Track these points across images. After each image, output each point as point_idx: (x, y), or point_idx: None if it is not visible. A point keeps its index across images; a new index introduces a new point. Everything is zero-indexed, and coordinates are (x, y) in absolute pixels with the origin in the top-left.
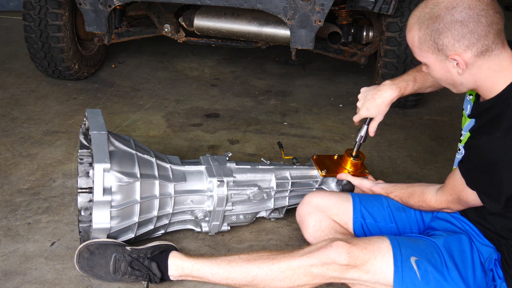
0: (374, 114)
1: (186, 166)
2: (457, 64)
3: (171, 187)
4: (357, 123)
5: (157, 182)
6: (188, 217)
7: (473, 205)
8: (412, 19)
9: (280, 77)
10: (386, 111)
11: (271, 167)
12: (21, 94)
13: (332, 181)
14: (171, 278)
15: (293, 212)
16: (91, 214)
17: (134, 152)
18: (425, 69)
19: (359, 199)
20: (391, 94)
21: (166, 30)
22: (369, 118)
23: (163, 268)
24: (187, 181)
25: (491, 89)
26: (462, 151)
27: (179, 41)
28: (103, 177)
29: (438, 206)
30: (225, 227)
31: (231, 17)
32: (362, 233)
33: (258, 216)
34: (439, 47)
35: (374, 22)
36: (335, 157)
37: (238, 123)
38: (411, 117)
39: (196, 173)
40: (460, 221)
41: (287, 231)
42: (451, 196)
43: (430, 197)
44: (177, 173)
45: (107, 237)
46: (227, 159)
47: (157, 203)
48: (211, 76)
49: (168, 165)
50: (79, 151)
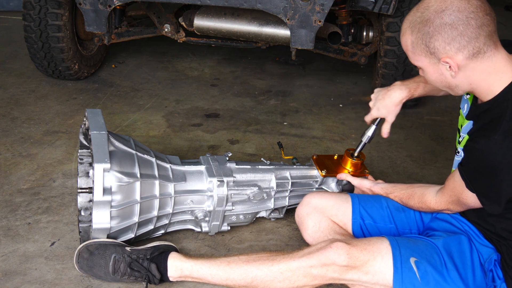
0: (384, 114)
1: (186, 166)
2: (450, 67)
3: (171, 187)
4: (368, 123)
5: (157, 182)
6: (188, 217)
7: (472, 207)
8: (405, 24)
9: (280, 77)
10: (396, 111)
11: (271, 167)
12: (21, 94)
13: (332, 181)
14: (171, 279)
15: (293, 212)
16: (91, 214)
17: (134, 152)
18: (421, 73)
19: (358, 200)
20: (400, 94)
21: (166, 30)
22: (379, 118)
23: (163, 269)
24: (187, 181)
25: (487, 91)
26: (461, 153)
27: (179, 41)
28: (103, 177)
29: (437, 207)
30: (225, 227)
31: (231, 17)
32: (361, 234)
33: (258, 216)
34: (431, 51)
35: (374, 22)
36: (335, 157)
37: (238, 123)
38: (411, 117)
39: (196, 173)
40: (459, 221)
41: (287, 231)
42: (450, 197)
43: (430, 198)
44: (177, 173)
45: (107, 237)
46: (227, 159)
47: (157, 203)
48: (211, 76)
49: (168, 165)
50: (79, 151)
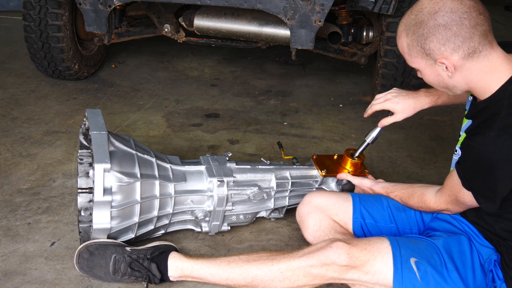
0: (398, 110)
1: (186, 166)
2: (446, 67)
3: (171, 187)
4: (369, 114)
5: (157, 182)
6: (188, 217)
7: (470, 206)
8: (400, 27)
9: (280, 77)
10: (409, 114)
11: (271, 167)
12: (21, 94)
13: (332, 181)
14: (171, 279)
15: (293, 212)
16: (91, 214)
17: (134, 152)
18: (419, 74)
19: (359, 199)
20: (425, 101)
21: (166, 30)
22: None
23: (163, 269)
24: (187, 181)
25: (484, 90)
26: (458, 152)
27: (179, 41)
28: (104, 177)
29: (437, 207)
30: (225, 227)
31: (231, 17)
32: (361, 233)
33: (258, 216)
34: (426, 52)
35: (374, 22)
36: (335, 157)
37: (238, 123)
38: (411, 117)
39: (196, 173)
40: (459, 222)
41: (287, 231)
42: (449, 197)
43: (429, 198)
44: (177, 173)
45: (107, 237)
46: (227, 159)
47: (157, 203)
48: (211, 76)
49: (168, 165)
50: (79, 151)
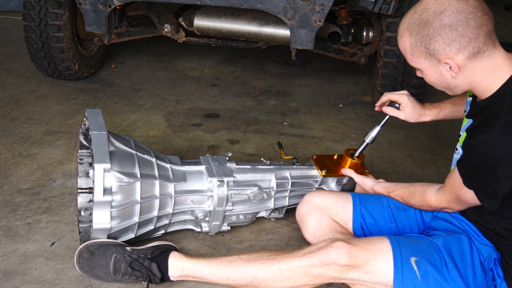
0: (408, 109)
1: (186, 166)
2: (450, 67)
3: (171, 187)
4: (382, 102)
5: (157, 182)
6: (188, 217)
7: (472, 204)
8: (402, 26)
9: (280, 77)
10: (411, 119)
11: (271, 167)
12: (21, 94)
13: (332, 181)
14: (171, 278)
15: (293, 212)
16: (91, 214)
17: (134, 152)
18: (419, 74)
19: (359, 199)
20: (430, 116)
21: (166, 30)
22: (385, 120)
23: (163, 268)
24: (187, 181)
25: (486, 89)
26: (459, 151)
27: (179, 41)
28: (104, 177)
29: (438, 205)
30: (225, 227)
31: (231, 17)
32: (361, 233)
33: (258, 216)
34: (430, 52)
35: (374, 22)
36: (335, 157)
37: (238, 123)
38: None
39: (196, 173)
40: (459, 221)
41: (287, 231)
42: (450, 195)
43: (430, 196)
44: (177, 173)
45: (108, 238)
46: (227, 159)
47: (157, 203)
48: (211, 76)
49: (168, 165)
50: (79, 151)
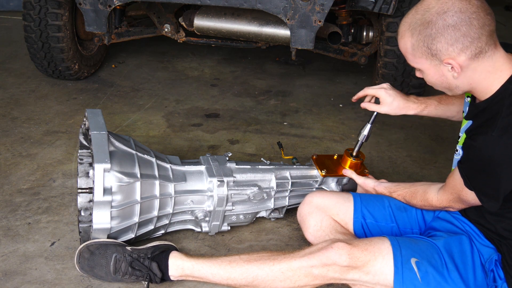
0: (387, 102)
1: (186, 166)
2: (452, 68)
3: (171, 187)
4: (359, 96)
5: (157, 182)
6: (188, 217)
7: (473, 204)
8: (403, 26)
9: (280, 77)
10: (393, 112)
11: (271, 167)
12: (21, 94)
13: (332, 181)
14: (172, 278)
15: (293, 212)
16: (91, 214)
17: (134, 152)
18: (419, 75)
19: (360, 199)
20: (413, 109)
21: (166, 30)
22: (374, 116)
23: (164, 268)
24: (187, 181)
25: (486, 90)
26: (459, 152)
27: (179, 41)
28: (104, 177)
29: (440, 205)
30: (225, 227)
31: (231, 17)
32: (362, 233)
33: (258, 216)
34: (432, 52)
35: (374, 22)
36: (335, 157)
37: (238, 123)
38: (411, 117)
39: (196, 173)
40: (461, 221)
41: (287, 231)
42: (451, 195)
43: (432, 196)
44: (177, 173)
45: (108, 237)
46: (227, 159)
47: (157, 203)
48: (211, 76)
49: (168, 165)
50: (79, 151)
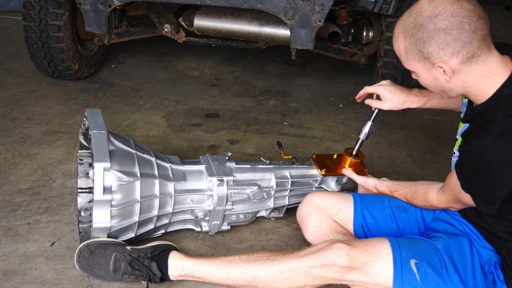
0: (388, 98)
1: (186, 165)
2: (444, 71)
3: (171, 187)
4: (360, 96)
5: (157, 181)
6: (188, 216)
7: (472, 205)
8: (397, 29)
9: (280, 77)
10: (396, 107)
11: (271, 166)
12: (21, 94)
13: (331, 180)
14: (171, 278)
15: (293, 212)
16: (91, 214)
17: (134, 151)
18: (414, 76)
19: (360, 199)
20: (416, 101)
21: (166, 30)
22: (375, 114)
23: (163, 268)
24: (187, 180)
25: (481, 94)
26: (457, 154)
27: (179, 41)
28: (103, 176)
29: (439, 205)
30: (225, 227)
31: (231, 17)
32: (362, 233)
33: (258, 215)
34: (424, 56)
35: (374, 22)
36: (335, 156)
37: (238, 123)
38: (411, 117)
39: (196, 173)
40: (460, 223)
41: (287, 231)
42: (450, 196)
43: (432, 196)
44: (177, 172)
45: (108, 237)
46: (227, 158)
47: (157, 202)
48: (211, 76)
49: (168, 165)
50: (79, 151)
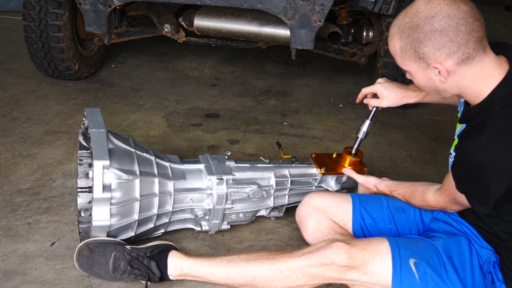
0: (385, 95)
1: (185, 164)
2: (439, 72)
3: (170, 185)
4: (360, 99)
5: (156, 180)
6: (188, 215)
7: (468, 206)
8: (393, 28)
9: (280, 77)
10: (394, 104)
11: (270, 165)
12: (21, 94)
13: (331, 179)
14: (171, 277)
15: (293, 211)
16: (91, 215)
17: (133, 150)
18: (409, 77)
19: (359, 200)
20: (414, 96)
21: (166, 30)
22: (373, 112)
23: (163, 267)
24: (187, 179)
25: (476, 95)
26: (453, 155)
27: (179, 41)
28: (103, 174)
29: (437, 206)
30: (225, 226)
31: (231, 17)
32: (361, 234)
33: (258, 215)
34: (420, 56)
35: (374, 22)
36: (334, 155)
37: (238, 123)
38: (411, 117)
39: (195, 171)
40: (459, 223)
41: (287, 231)
42: (447, 197)
43: (429, 197)
44: (176, 171)
45: (107, 236)
46: (226, 157)
47: (156, 201)
48: (211, 76)
49: (167, 164)
50: (79, 151)
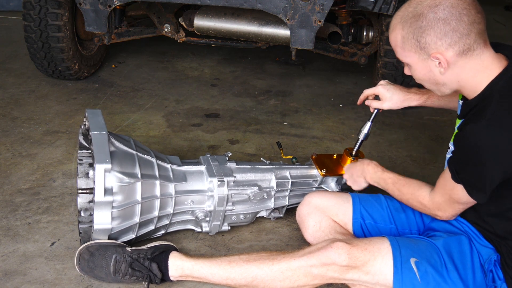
0: (387, 97)
1: (186, 166)
2: (439, 63)
3: (171, 187)
4: (361, 100)
5: (157, 182)
6: (188, 217)
7: (464, 203)
8: (395, 19)
9: (280, 77)
10: (396, 106)
11: (271, 166)
12: (21, 94)
13: (331, 180)
14: (172, 278)
15: (293, 212)
16: (91, 215)
17: (134, 152)
18: (407, 71)
19: (359, 200)
20: (415, 100)
21: (166, 30)
22: (374, 114)
23: (164, 268)
24: (188, 181)
25: (475, 88)
26: (451, 148)
27: (179, 41)
28: (104, 177)
29: (428, 205)
30: (226, 227)
31: (231, 17)
32: (361, 234)
33: (258, 215)
34: (421, 45)
35: (374, 22)
36: (334, 156)
37: (238, 123)
38: (411, 117)
39: (196, 173)
40: (459, 222)
41: (287, 231)
42: (442, 196)
43: (424, 194)
44: (177, 173)
45: (108, 238)
46: (227, 159)
47: (158, 203)
48: (211, 76)
49: (168, 165)
50: (79, 152)
